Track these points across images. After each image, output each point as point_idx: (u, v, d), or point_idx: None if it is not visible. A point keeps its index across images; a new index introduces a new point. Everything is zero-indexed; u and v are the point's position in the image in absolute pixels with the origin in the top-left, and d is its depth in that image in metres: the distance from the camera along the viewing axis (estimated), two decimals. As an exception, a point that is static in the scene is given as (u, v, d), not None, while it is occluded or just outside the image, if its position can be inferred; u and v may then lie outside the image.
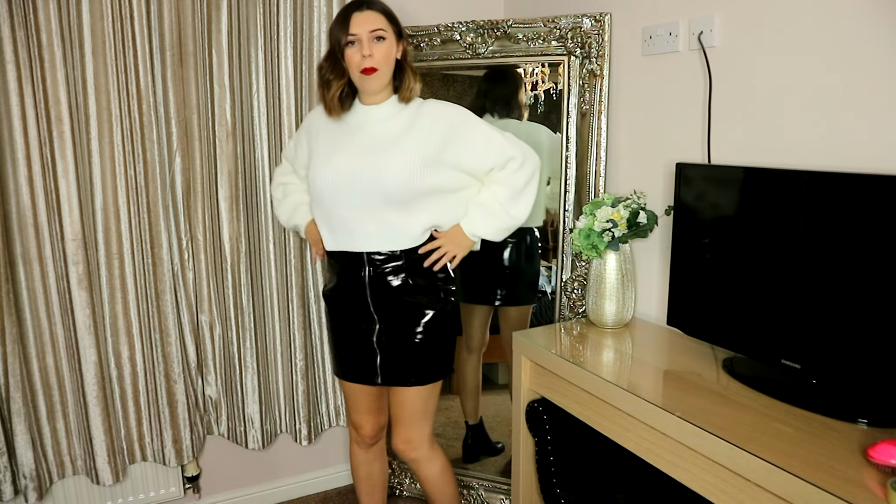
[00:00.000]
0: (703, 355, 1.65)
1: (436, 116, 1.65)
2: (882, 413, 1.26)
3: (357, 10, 1.58)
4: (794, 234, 1.39)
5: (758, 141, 1.58)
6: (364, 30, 1.56)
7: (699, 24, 1.67)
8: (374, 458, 1.95)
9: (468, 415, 2.42)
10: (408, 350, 1.69)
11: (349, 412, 1.89)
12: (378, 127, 1.65)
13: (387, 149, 1.61)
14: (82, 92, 1.80)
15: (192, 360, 2.09)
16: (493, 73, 2.20)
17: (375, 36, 1.57)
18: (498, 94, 2.18)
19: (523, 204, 1.71)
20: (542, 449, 1.81)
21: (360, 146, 1.64)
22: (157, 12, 1.86)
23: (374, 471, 1.97)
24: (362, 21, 1.57)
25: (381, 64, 1.58)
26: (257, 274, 2.11)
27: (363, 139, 1.65)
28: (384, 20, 1.60)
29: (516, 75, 2.16)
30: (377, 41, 1.58)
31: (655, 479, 1.47)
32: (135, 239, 1.92)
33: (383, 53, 1.58)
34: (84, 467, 2.00)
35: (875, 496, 1.01)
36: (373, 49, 1.56)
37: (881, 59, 1.32)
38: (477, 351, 2.37)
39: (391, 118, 1.65)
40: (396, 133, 1.63)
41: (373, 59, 1.56)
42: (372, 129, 1.65)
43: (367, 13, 1.58)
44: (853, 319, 1.29)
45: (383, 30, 1.58)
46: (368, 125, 1.66)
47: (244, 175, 2.03)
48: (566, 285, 2.07)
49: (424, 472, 1.84)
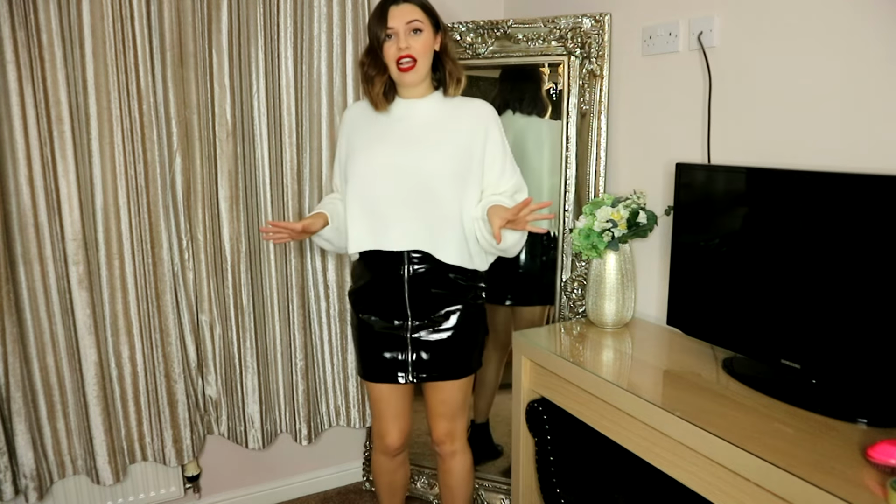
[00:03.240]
0: (702, 355, 1.65)
1: (481, 116, 1.66)
2: (882, 413, 1.26)
3: (393, 4, 1.58)
4: (794, 234, 1.39)
5: (758, 141, 1.58)
6: (400, 22, 1.56)
7: (699, 25, 1.68)
8: (399, 467, 1.92)
9: (478, 413, 2.42)
10: (447, 344, 1.70)
11: (375, 420, 1.85)
12: (418, 120, 1.65)
13: (428, 141, 1.62)
14: (82, 92, 1.80)
15: (192, 359, 2.09)
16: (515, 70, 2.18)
17: (412, 28, 1.57)
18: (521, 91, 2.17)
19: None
20: (542, 449, 1.81)
21: (401, 138, 1.64)
22: (157, 12, 1.86)
23: (398, 478, 1.95)
24: (398, 14, 1.57)
25: (420, 55, 1.58)
26: (257, 274, 2.11)
27: (403, 131, 1.64)
28: (420, 12, 1.59)
29: (538, 72, 2.15)
30: (414, 34, 1.57)
31: (655, 479, 1.47)
32: (135, 239, 1.92)
33: (421, 45, 1.58)
34: (84, 467, 2.00)
35: (875, 496, 1.01)
36: (409, 41, 1.56)
37: (881, 59, 1.32)
38: (501, 349, 2.37)
39: (433, 111, 1.66)
40: (438, 126, 1.64)
41: (410, 49, 1.56)
42: (412, 122, 1.65)
43: (403, 6, 1.58)
44: (853, 319, 1.29)
45: (420, 21, 1.58)
46: (409, 118, 1.66)
47: (244, 175, 2.03)
48: (566, 285, 2.07)
49: (458, 465, 1.85)
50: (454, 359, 1.73)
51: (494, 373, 2.38)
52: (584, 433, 1.65)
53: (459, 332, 1.71)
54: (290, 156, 2.05)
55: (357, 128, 1.70)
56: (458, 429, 1.82)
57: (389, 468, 1.90)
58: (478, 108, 1.68)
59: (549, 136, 2.10)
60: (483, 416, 2.41)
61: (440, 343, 1.70)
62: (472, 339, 1.75)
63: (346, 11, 2.03)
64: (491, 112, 1.69)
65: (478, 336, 1.77)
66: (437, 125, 1.64)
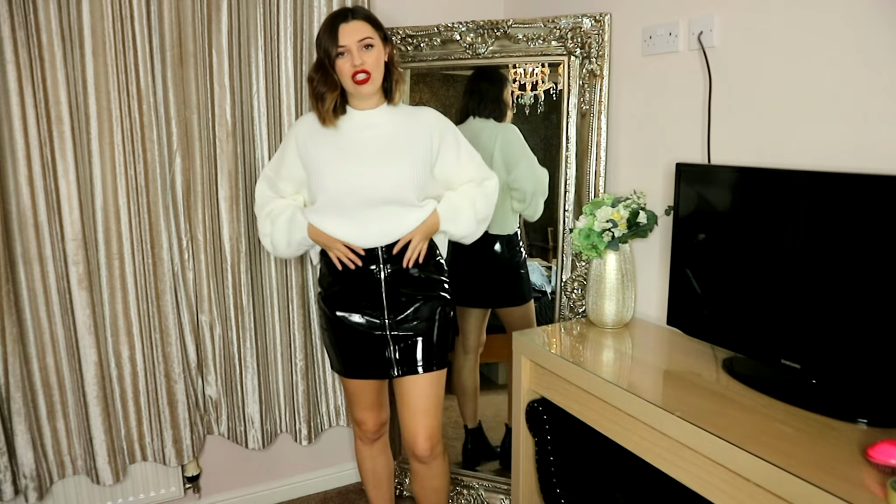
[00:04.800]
0: (703, 355, 1.65)
1: (432, 125, 1.76)
2: (882, 413, 1.26)
3: (343, 21, 1.63)
4: (795, 235, 1.39)
5: (758, 141, 1.58)
6: (352, 40, 1.61)
7: (699, 24, 1.67)
8: (379, 453, 2.02)
9: (467, 419, 2.42)
10: (423, 337, 1.76)
11: (351, 409, 1.94)
12: (378, 131, 1.72)
13: (390, 154, 1.69)
14: (82, 92, 1.80)
15: (192, 359, 2.09)
16: (480, 72, 2.20)
17: (364, 45, 1.63)
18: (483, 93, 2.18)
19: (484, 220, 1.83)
20: (542, 449, 1.81)
21: (365, 150, 1.70)
22: (157, 12, 1.86)
23: (379, 465, 2.03)
24: (349, 31, 1.62)
25: (373, 69, 1.64)
26: (257, 274, 2.11)
27: (365, 144, 1.71)
28: (370, 28, 1.65)
29: (502, 75, 2.16)
30: (366, 49, 1.63)
31: (655, 479, 1.47)
32: (135, 239, 1.92)
33: (373, 60, 1.64)
34: (84, 467, 2.00)
35: (875, 496, 1.01)
36: (363, 57, 1.62)
37: (882, 59, 1.32)
38: (473, 352, 2.37)
39: (388, 123, 1.73)
40: (401, 138, 1.72)
41: (365, 65, 1.62)
42: (371, 134, 1.72)
43: (353, 23, 1.63)
44: (853, 319, 1.29)
45: (371, 38, 1.64)
46: (367, 129, 1.72)
47: (244, 175, 2.03)
48: (566, 285, 2.07)
49: (442, 467, 1.89)
50: (432, 351, 1.78)
51: (471, 376, 2.39)
52: (584, 433, 1.65)
53: (438, 323, 1.78)
54: (290, 156, 2.05)
55: (314, 142, 1.73)
56: (437, 426, 1.84)
57: (370, 453, 2.00)
58: (427, 118, 1.77)
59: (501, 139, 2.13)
60: (472, 421, 2.42)
61: (419, 336, 1.77)
62: (446, 331, 1.81)
63: (346, 11, 2.03)
64: (438, 117, 1.79)
65: (450, 329, 1.84)
66: (395, 138, 1.72)
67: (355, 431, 2.00)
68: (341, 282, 1.77)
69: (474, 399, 2.41)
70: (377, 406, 1.92)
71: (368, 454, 2.01)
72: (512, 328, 2.24)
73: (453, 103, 1.88)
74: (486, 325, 2.36)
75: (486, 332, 2.37)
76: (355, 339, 1.78)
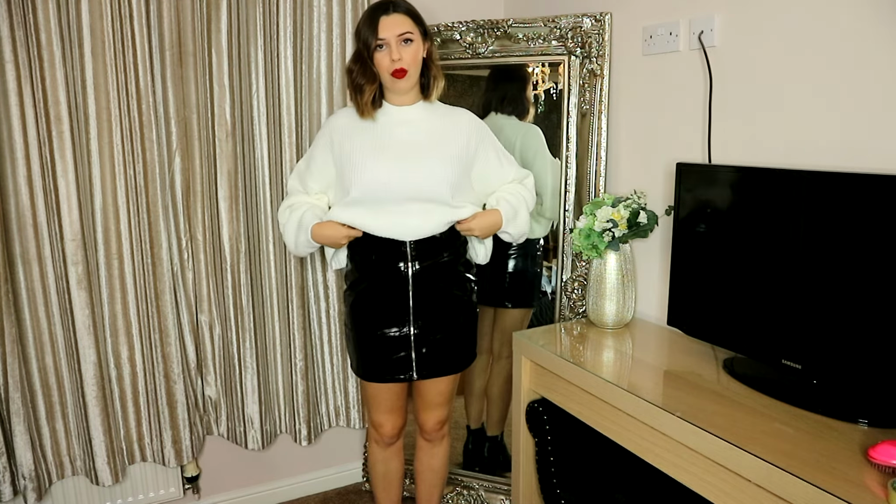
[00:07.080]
0: (703, 355, 1.64)
1: (469, 127, 1.75)
2: (882, 413, 1.25)
3: (384, 14, 1.60)
4: (795, 234, 1.38)
5: (758, 141, 1.58)
6: (392, 34, 1.59)
7: (699, 24, 1.67)
8: (393, 456, 1.98)
9: (471, 419, 2.42)
10: (447, 340, 1.77)
11: (370, 412, 1.90)
12: (413, 127, 1.71)
13: (430, 152, 1.68)
14: (82, 92, 1.80)
15: (191, 360, 2.09)
16: (500, 70, 2.19)
17: (403, 38, 1.60)
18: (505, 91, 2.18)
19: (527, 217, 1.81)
20: (542, 449, 1.81)
21: (401, 146, 1.68)
22: (156, 12, 1.86)
23: (392, 468, 2.00)
24: (390, 25, 1.59)
25: (411, 65, 1.62)
26: (257, 274, 2.11)
27: (402, 141, 1.69)
28: (411, 22, 1.62)
29: (524, 73, 2.15)
30: (405, 44, 1.61)
31: (655, 479, 1.46)
32: (134, 239, 1.92)
33: (412, 55, 1.62)
34: (83, 468, 2.00)
35: (875, 497, 1.01)
36: (402, 52, 1.59)
37: (882, 59, 1.32)
38: (486, 353, 2.37)
39: (423, 120, 1.72)
40: (435, 136, 1.71)
41: (402, 61, 1.59)
42: (408, 131, 1.70)
43: (394, 16, 1.60)
44: (854, 320, 1.29)
45: (411, 32, 1.61)
46: (403, 125, 1.70)
47: (244, 175, 2.03)
48: (566, 285, 2.07)
49: (444, 448, 1.97)
50: (456, 354, 1.79)
51: (480, 376, 2.37)
52: (585, 433, 1.65)
53: (463, 325, 1.79)
54: (289, 156, 2.05)
55: (349, 136, 1.71)
56: (447, 415, 1.92)
57: (385, 456, 1.96)
58: (463, 119, 1.76)
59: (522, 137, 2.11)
60: (476, 421, 2.41)
61: (444, 339, 1.76)
62: (471, 332, 1.84)
63: (345, 11, 2.03)
64: (473, 119, 1.78)
65: (474, 329, 1.86)
66: (431, 135, 1.70)
67: (371, 434, 1.94)
68: (368, 279, 1.74)
69: (480, 400, 2.40)
70: (397, 409, 1.87)
71: (382, 457, 1.96)
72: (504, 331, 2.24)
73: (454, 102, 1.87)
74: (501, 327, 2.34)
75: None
76: (379, 343, 1.75)
